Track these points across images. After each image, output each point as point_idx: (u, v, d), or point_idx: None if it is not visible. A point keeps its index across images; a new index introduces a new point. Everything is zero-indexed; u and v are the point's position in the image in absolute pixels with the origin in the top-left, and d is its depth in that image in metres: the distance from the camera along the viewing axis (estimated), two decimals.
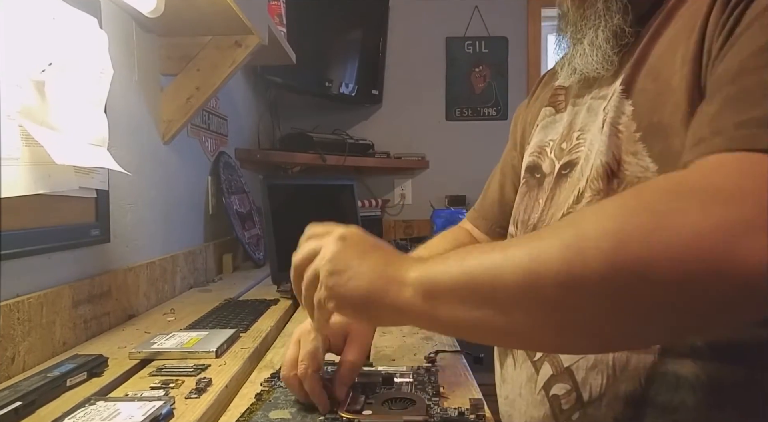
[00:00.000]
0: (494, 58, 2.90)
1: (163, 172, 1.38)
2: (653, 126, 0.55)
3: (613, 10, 0.62)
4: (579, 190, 0.62)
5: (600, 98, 0.64)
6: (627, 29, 0.62)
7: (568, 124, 0.68)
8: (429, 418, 0.61)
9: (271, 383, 0.73)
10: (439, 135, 2.92)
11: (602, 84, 0.65)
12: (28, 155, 0.80)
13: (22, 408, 0.63)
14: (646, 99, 0.57)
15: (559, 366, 0.61)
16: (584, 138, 0.64)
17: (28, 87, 0.79)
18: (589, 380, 0.58)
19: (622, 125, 0.58)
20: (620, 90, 0.59)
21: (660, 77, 0.56)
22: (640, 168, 0.55)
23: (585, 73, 0.66)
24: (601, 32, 0.63)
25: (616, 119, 0.59)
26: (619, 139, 0.58)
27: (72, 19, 0.90)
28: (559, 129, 0.70)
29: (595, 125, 0.63)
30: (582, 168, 0.62)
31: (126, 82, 1.19)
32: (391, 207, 2.93)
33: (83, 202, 1.00)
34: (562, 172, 0.67)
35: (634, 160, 0.56)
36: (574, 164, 0.65)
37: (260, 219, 1.89)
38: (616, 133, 0.58)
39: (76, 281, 0.96)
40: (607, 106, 0.61)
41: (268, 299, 1.28)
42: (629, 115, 0.58)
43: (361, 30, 2.81)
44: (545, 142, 0.72)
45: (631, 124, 0.57)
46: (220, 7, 1.15)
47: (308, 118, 2.79)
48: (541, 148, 0.72)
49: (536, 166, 0.72)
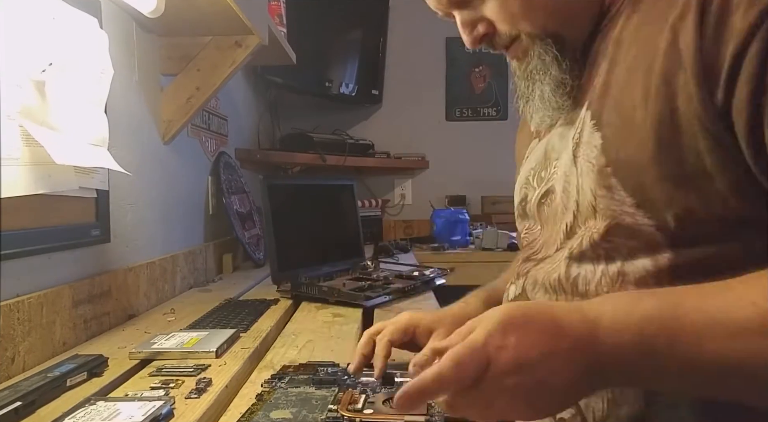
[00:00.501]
0: (494, 58, 2.86)
1: (163, 172, 1.38)
2: (621, 161, 0.55)
3: (548, 63, 0.63)
4: (567, 226, 0.62)
5: (568, 124, 0.64)
6: (567, 77, 0.63)
7: (544, 151, 0.70)
8: (430, 418, 0.61)
9: (272, 383, 0.73)
10: (439, 135, 2.92)
11: (569, 109, 0.65)
12: (28, 155, 0.80)
13: (22, 408, 0.63)
14: (613, 133, 0.57)
15: None
16: (558, 165, 0.65)
17: (29, 87, 0.79)
18: (591, 404, 0.58)
19: (594, 159, 0.58)
20: (591, 123, 0.59)
21: (622, 111, 0.55)
22: (615, 202, 0.55)
23: (546, 122, 0.67)
24: (546, 86, 0.64)
25: (588, 153, 0.59)
26: (593, 174, 0.58)
27: (72, 19, 0.90)
28: (537, 156, 0.71)
29: (565, 153, 0.63)
30: (564, 201, 0.62)
31: (126, 82, 1.19)
32: (391, 207, 2.93)
33: (83, 202, 1.00)
34: (541, 201, 0.68)
35: (608, 193, 0.56)
36: (550, 193, 0.66)
37: (260, 219, 1.89)
38: (591, 169, 0.58)
39: (76, 281, 0.96)
40: (576, 135, 0.61)
41: (268, 299, 1.28)
42: (599, 147, 0.58)
43: (361, 30, 2.81)
44: (528, 171, 0.73)
45: (601, 158, 0.57)
46: (220, 7, 1.15)
47: (308, 118, 2.79)
48: (527, 179, 0.73)
49: (524, 197, 0.73)
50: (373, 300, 1.24)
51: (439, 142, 2.91)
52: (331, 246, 1.70)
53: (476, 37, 0.67)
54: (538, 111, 0.66)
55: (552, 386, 0.46)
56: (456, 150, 2.89)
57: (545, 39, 0.62)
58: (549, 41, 0.62)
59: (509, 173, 0.94)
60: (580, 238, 0.59)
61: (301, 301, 1.29)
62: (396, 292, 1.33)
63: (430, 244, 2.53)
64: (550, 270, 0.63)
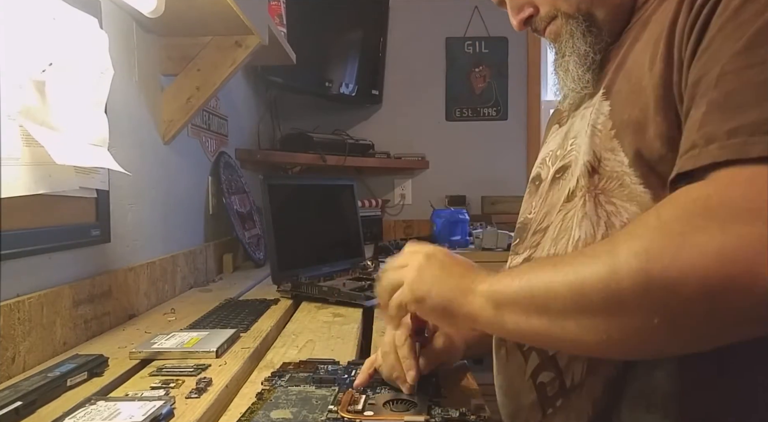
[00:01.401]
0: (494, 58, 2.90)
1: (163, 172, 1.38)
2: (624, 122, 0.59)
3: (577, 37, 0.69)
4: (569, 190, 0.66)
5: (590, 106, 0.69)
6: (590, 50, 0.68)
7: (564, 134, 0.74)
8: (430, 418, 0.61)
9: (272, 382, 0.73)
10: (439, 135, 2.91)
11: (593, 94, 0.70)
12: (28, 155, 0.80)
13: (23, 407, 0.63)
14: (621, 98, 0.62)
15: (545, 355, 0.64)
16: (576, 142, 0.69)
17: (29, 87, 0.79)
18: (571, 367, 0.61)
19: (600, 124, 0.63)
20: (602, 93, 0.65)
21: (632, 78, 0.60)
22: (617, 162, 0.59)
23: (568, 95, 0.72)
24: (570, 59, 0.70)
25: (596, 120, 0.64)
26: (598, 137, 0.62)
27: (72, 20, 0.90)
28: (558, 139, 0.75)
29: (583, 131, 0.67)
30: (572, 170, 0.67)
31: (126, 82, 1.19)
32: (391, 207, 2.93)
33: (83, 201, 1.00)
34: (555, 176, 0.71)
35: (612, 155, 0.60)
36: (566, 167, 0.69)
37: (260, 219, 1.89)
38: (596, 133, 0.63)
39: (76, 281, 0.96)
40: (592, 111, 0.66)
41: (268, 299, 1.28)
42: (606, 114, 0.62)
43: (361, 30, 2.81)
44: (546, 153, 0.77)
45: (608, 122, 0.62)
46: (221, 7, 1.15)
47: (308, 118, 2.79)
48: (542, 159, 0.78)
49: (537, 175, 0.77)
50: (373, 300, 1.24)
51: (439, 142, 2.91)
52: (332, 246, 1.70)
53: (521, 19, 0.74)
54: (562, 81, 0.72)
55: (437, 284, 0.60)
56: (456, 150, 2.89)
57: (577, 17, 0.68)
58: (580, 19, 0.68)
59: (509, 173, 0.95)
60: (580, 197, 0.63)
61: (302, 301, 1.29)
62: None
63: None
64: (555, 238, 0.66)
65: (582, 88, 0.70)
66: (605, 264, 0.46)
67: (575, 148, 0.68)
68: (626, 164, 0.58)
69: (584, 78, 0.69)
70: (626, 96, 0.60)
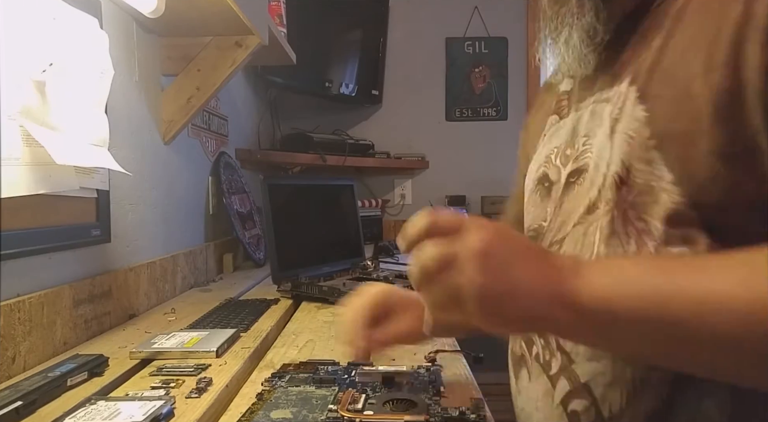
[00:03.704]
0: (494, 58, 2.90)
1: (163, 172, 1.38)
2: (668, 134, 0.52)
3: (587, 8, 0.61)
4: (590, 200, 0.60)
5: (603, 101, 0.62)
6: (600, 28, 0.61)
7: (572, 130, 0.67)
8: (430, 418, 0.61)
9: (272, 383, 0.73)
10: (439, 135, 2.92)
11: (603, 86, 0.63)
12: (28, 155, 0.80)
13: (23, 407, 0.63)
14: (662, 105, 0.54)
15: (577, 382, 0.59)
16: (591, 143, 0.62)
17: (29, 87, 0.79)
18: (608, 396, 0.56)
19: (634, 131, 0.55)
20: (634, 96, 0.57)
21: (677, 84, 0.52)
22: (653, 176, 0.53)
23: (563, 72, 0.67)
24: (575, 31, 0.62)
25: (627, 125, 0.56)
26: (630, 146, 0.55)
27: (72, 20, 0.90)
28: (562, 135, 0.69)
29: (601, 130, 0.60)
30: (592, 177, 0.60)
31: (126, 82, 1.19)
32: (391, 207, 2.93)
33: (84, 201, 1.00)
34: (570, 180, 0.65)
35: (648, 167, 0.53)
36: (582, 171, 0.63)
37: (260, 219, 1.89)
38: (627, 140, 0.56)
39: (76, 281, 0.96)
40: (615, 111, 0.59)
41: (268, 299, 1.28)
42: (642, 121, 0.55)
43: (361, 30, 2.81)
44: (551, 150, 0.71)
45: (644, 130, 0.54)
46: (221, 7, 1.15)
47: (308, 118, 2.79)
48: (547, 157, 0.71)
49: (545, 175, 0.71)
50: None
51: (439, 142, 2.91)
52: (332, 246, 1.70)
53: None
54: (558, 56, 0.65)
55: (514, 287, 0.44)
56: (456, 150, 2.89)
57: None
58: None
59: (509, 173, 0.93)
60: (605, 212, 0.57)
61: (302, 301, 1.30)
62: None
63: None
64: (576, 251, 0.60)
65: (583, 68, 0.63)
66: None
67: (589, 148, 0.62)
68: (667, 180, 0.51)
69: (588, 58, 0.62)
70: (670, 103, 0.53)
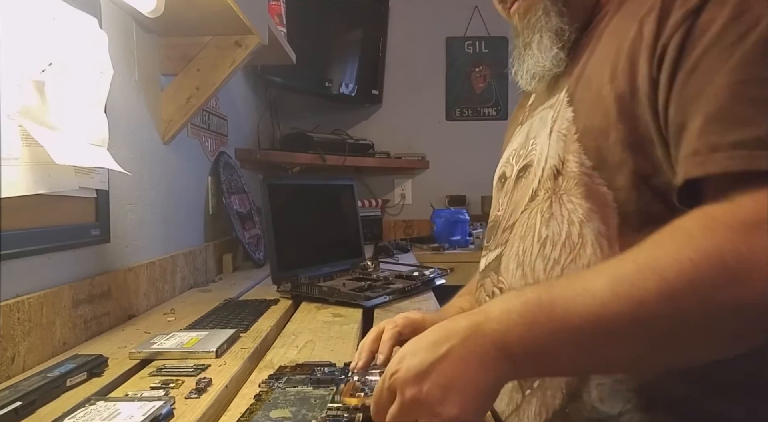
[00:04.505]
0: (494, 58, 2.90)
1: (163, 172, 1.38)
2: (587, 128, 0.63)
3: (552, 14, 0.71)
4: (533, 190, 0.70)
5: (548, 108, 0.72)
6: (566, 27, 0.70)
7: (526, 134, 0.77)
8: None
9: (270, 384, 0.73)
10: (439, 135, 2.92)
11: (551, 95, 0.73)
12: (28, 155, 0.80)
13: (22, 408, 0.63)
14: (583, 106, 0.65)
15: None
16: (536, 143, 0.72)
17: (28, 87, 0.79)
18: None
19: (564, 129, 0.66)
20: (566, 100, 0.68)
21: (592, 88, 0.64)
22: (578, 164, 0.63)
23: (538, 73, 0.73)
24: (545, 33, 0.71)
25: (560, 125, 0.67)
26: (564, 142, 0.66)
27: (72, 19, 0.90)
28: (519, 139, 0.79)
29: (544, 131, 0.71)
30: (535, 170, 0.70)
31: (126, 82, 1.19)
32: (391, 207, 2.93)
33: (83, 202, 1.00)
34: (519, 175, 0.75)
35: (573, 158, 0.63)
36: (528, 167, 0.73)
37: (260, 219, 1.89)
38: (562, 137, 0.66)
39: (76, 281, 0.96)
40: (554, 114, 0.69)
41: (268, 299, 1.28)
42: (570, 120, 0.66)
43: (361, 30, 2.81)
44: (510, 152, 0.81)
45: (572, 128, 0.65)
46: (220, 7, 1.15)
47: (308, 118, 2.79)
48: (507, 158, 0.82)
49: (503, 174, 0.81)
50: (373, 300, 1.24)
51: (439, 142, 2.91)
52: (331, 246, 1.70)
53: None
54: (532, 58, 0.73)
55: (458, 380, 0.48)
56: (456, 150, 2.89)
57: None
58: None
59: None
60: (543, 197, 0.67)
61: (301, 301, 1.29)
62: (396, 292, 1.33)
63: (430, 244, 2.53)
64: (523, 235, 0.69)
65: (556, 66, 0.71)
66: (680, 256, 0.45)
67: (535, 147, 0.72)
68: (589, 166, 0.62)
69: (560, 55, 0.70)
70: (588, 104, 0.64)
